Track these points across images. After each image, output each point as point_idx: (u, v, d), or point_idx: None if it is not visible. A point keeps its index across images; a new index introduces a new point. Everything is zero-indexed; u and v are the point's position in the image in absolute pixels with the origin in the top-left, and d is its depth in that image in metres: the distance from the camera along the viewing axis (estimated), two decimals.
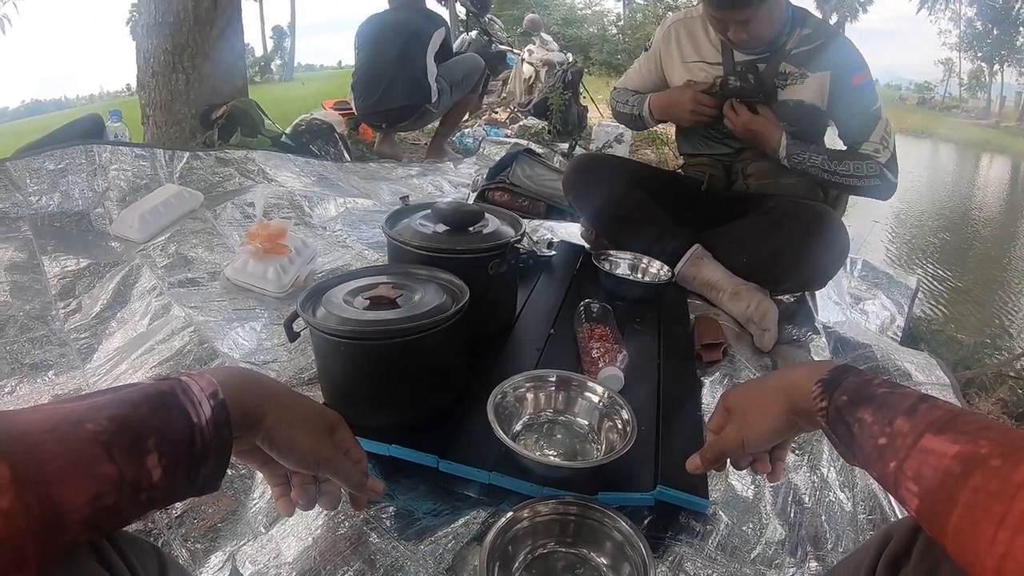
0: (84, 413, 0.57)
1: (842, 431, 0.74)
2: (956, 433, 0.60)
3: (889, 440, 0.66)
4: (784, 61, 2.17)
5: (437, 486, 1.27)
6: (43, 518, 0.50)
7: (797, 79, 2.15)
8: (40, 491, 0.50)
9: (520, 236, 1.71)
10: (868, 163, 2.10)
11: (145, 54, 4.02)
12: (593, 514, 1.12)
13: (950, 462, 0.58)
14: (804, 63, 2.15)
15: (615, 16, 23.23)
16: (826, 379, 0.78)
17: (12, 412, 0.54)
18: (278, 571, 1.10)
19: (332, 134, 4.10)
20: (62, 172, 2.71)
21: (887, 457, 0.65)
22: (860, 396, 0.73)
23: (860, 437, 0.70)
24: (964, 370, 2.15)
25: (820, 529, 1.31)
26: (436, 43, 4.39)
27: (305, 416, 0.82)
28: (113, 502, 0.56)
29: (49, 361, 1.77)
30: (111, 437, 0.56)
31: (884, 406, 0.69)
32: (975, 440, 0.58)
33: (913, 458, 0.62)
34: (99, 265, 2.20)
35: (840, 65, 2.13)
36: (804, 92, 2.15)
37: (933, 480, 0.59)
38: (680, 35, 2.35)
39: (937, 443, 0.60)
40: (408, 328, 1.23)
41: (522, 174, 3.37)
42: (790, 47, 2.17)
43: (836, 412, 0.75)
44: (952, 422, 0.62)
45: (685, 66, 2.34)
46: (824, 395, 0.77)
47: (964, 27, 42.19)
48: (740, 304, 2.05)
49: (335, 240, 2.65)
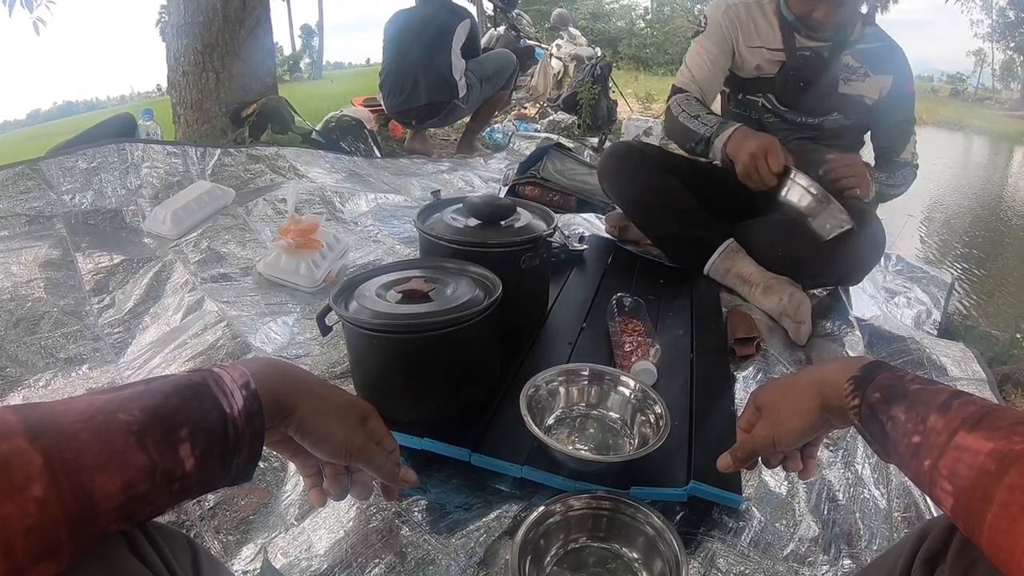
0: (117, 403, 0.57)
1: (876, 429, 0.73)
2: (990, 430, 0.59)
3: (923, 438, 0.65)
4: (847, 53, 2.16)
5: (469, 480, 1.27)
6: (76, 506, 0.50)
7: (860, 76, 2.17)
8: (73, 479, 0.50)
9: (552, 230, 1.70)
10: (908, 170, 2.19)
11: (175, 53, 4.06)
12: (626, 509, 1.12)
13: (984, 459, 0.57)
14: (866, 61, 2.16)
15: (643, 10, 23.08)
16: (858, 376, 0.78)
17: (45, 403, 0.55)
18: (309, 563, 1.10)
19: (362, 130, 4.10)
20: (95, 170, 2.74)
21: (922, 455, 0.64)
22: (893, 393, 0.72)
23: (894, 435, 0.70)
24: (1000, 365, 2.11)
25: (854, 526, 1.29)
26: (461, 37, 4.37)
27: (337, 406, 0.82)
28: (145, 491, 0.56)
29: (83, 355, 1.79)
30: (143, 427, 0.57)
31: (917, 402, 0.68)
32: (1009, 436, 0.57)
33: (948, 456, 0.61)
34: (132, 261, 2.22)
35: (901, 71, 2.17)
36: (865, 90, 2.17)
37: (968, 478, 0.58)
38: (740, 18, 2.26)
39: (971, 440, 0.60)
40: (442, 321, 1.23)
41: (553, 169, 3.36)
42: (854, 39, 2.17)
43: (869, 410, 0.74)
44: (986, 418, 0.61)
45: (749, 50, 2.27)
46: (856, 392, 0.77)
47: (996, 17, 41.53)
48: (773, 298, 2.03)
49: (366, 235, 2.66)
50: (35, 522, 0.47)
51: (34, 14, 5.81)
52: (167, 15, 4.56)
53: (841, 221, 1.84)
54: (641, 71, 14.31)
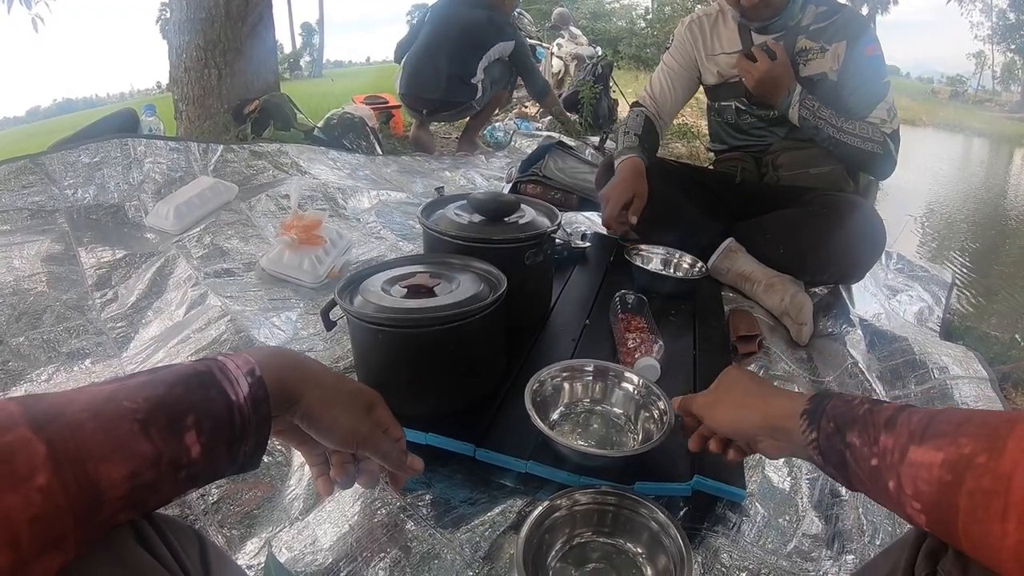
0: (122, 393, 0.57)
1: (836, 460, 0.74)
2: (938, 438, 0.60)
3: (880, 460, 0.66)
4: (802, 36, 2.19)
5: (474, 475, 1.28)
6: (81, 495, 0.50)
7: (817, 53, 2.18)
8: (78, 468, 0.50)
9: (557, 226, 1.71)
10: (873, 128, 2.12)
11: (177, 50, 4.06)
12: (630, 504, 1.11)
13: (939, 472, 0.59)
14: (821, 37, 2.18)
15: (643, 10, 23.02)
16: (809, 409, 0.80)
17: (50, 394, 0.55)
18: (314, 557, 1.10)
19: (364, 128, 4.10)
20: (97, 165, 2.74)
21: (884, 477, 0.66)
22: (845, 420, 0.73)
23: (853, 463, 0.71)
24: (1000, 365, 2.11)
25: (857, 522, 1.29)
26: (496, 54, 4.35)
27: (344, 394, 0.82)
28: (151, 479, 0.56)
29: (86, 350, 1.79)
30: (147, 415, 0.57)
31: (868, 425, 0.70)
32: (956, 441, 0.58)
33: (905, 475, 0.62)
34: (135, 256, 2.22)
35: (855, 35, 2.15)
36: (824, 66, 2.18)
37: (930, 494, 0.60)
38: (702, 30, 2.40)
39: (922, 454, 0.61)
40: (447, 316, 1.23)
41: (554, 167, 3.36)
42: (806, 23, 2.20)
43: (827, 441, 0.75)
44: (931, 426, 0.62)
45: (711, 59, 2.38)
46: (812, 426, 0.78)
47: (996, 19, 41.59)
48: (775, 297, 2.03)
49: (369, 232, 2.66)
50: (40, 512, 0.47)
51: (32, 11, 5.79)
52: (168, 12, 4.55)
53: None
54: (641, 71, 14.28)
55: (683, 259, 2.18)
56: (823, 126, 2.13)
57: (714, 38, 2.37)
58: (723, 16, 2.35)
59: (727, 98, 2.42)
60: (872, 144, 2.11)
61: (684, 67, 2.45)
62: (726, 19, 2.34)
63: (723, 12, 2.35)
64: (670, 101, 2.49)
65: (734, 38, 2.32)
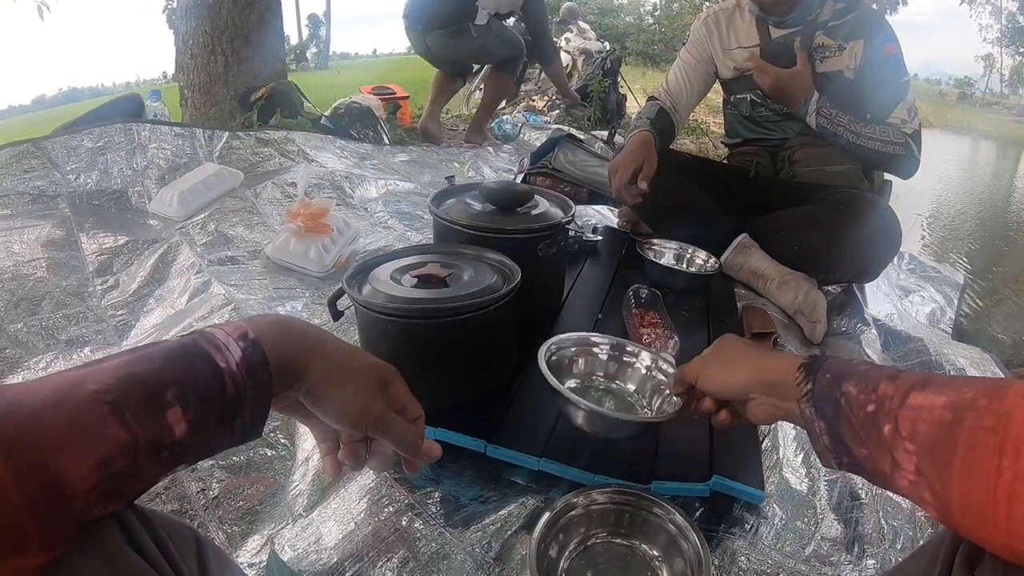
0: (88, 375, 0.54)
1: (828, 411, 0.75)
2: (939, 386, 0.63)
3: (877, 406, 0.68)
4: (820, 32, 2.18)
5: (484, 471, 1.24)
6: (41, 491, 0.47)
7: (835, 51, 2.16)
8: (34, 462, 0.47)
9: (571, 217, 1.68)
10: (894, 129, 2.09)
11: (184, 36, 4.05)
12: (646, 504, 1.08)
13: (941, 412, 0.60)
14: (839, 35, 2.16)
15: (651, 6, 23.06)
16: (807, 363, 0.82)
17: (17, 385, 0.51)
18: (318, 556, 1.06)
19: (371, 117, 4.09)
20: (100, 150, 2.72)
21: (880, 422, 0.67)
22: (842, 372, 0.75)
23: (848, 411, 0.72)
24: (1015, 368, 2.10)
25: (877, 526, 1.26)
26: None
27: (354, 370, 0.74)
28: (125, 466, 0.53)
29: (85, 337, 1.76)
30: (119, 396, 0.53)
31: (866, 377, 0.71)
32: (959, 389, 0.60)
33: (904, 417, 0.64)
34: (137, 242, 2.20)
35: (872, 32, 2.14)
36: (842, 64, 2.16)
37: (928, 434, 0.61)
38: (718, 25, 2.39)
39: (924, 398, 0.63)
40: (461, 307, 1.20)
41: (564, 159, 3.33)
42: (824, 19, 2.18)
43: (821, 391, 0.77)
44: (931, 380, 0.64)
45: (727, 53, 2.38)
46: (808, 377, 0.80)
47: (1005, 22, 41.57)
48: (788, 294, 2.01)
49: (377, 221, 2.63)
50: None
51: None
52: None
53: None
54: (649, 67, 14.27)
55: (696, 254, 2.15)
56: (842, 132, 2.11)
57: (730, 32, 2.36)
58: (740, 10, 2.34)
59: (742, 91, 2.41)
60: (894, 147, 2.08)
61: (700, 62, 2.44)
62: (743, 13, 2.33)
63: (740, 6, 2.34)
64: (685, 96, 2.47)
65: (751, 32, 2.31)
